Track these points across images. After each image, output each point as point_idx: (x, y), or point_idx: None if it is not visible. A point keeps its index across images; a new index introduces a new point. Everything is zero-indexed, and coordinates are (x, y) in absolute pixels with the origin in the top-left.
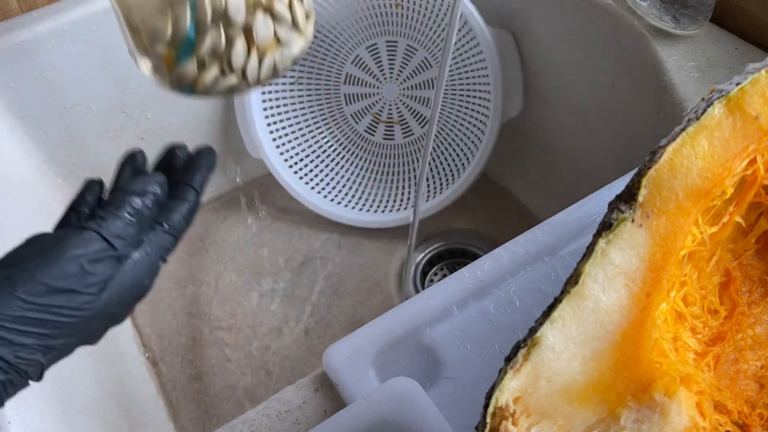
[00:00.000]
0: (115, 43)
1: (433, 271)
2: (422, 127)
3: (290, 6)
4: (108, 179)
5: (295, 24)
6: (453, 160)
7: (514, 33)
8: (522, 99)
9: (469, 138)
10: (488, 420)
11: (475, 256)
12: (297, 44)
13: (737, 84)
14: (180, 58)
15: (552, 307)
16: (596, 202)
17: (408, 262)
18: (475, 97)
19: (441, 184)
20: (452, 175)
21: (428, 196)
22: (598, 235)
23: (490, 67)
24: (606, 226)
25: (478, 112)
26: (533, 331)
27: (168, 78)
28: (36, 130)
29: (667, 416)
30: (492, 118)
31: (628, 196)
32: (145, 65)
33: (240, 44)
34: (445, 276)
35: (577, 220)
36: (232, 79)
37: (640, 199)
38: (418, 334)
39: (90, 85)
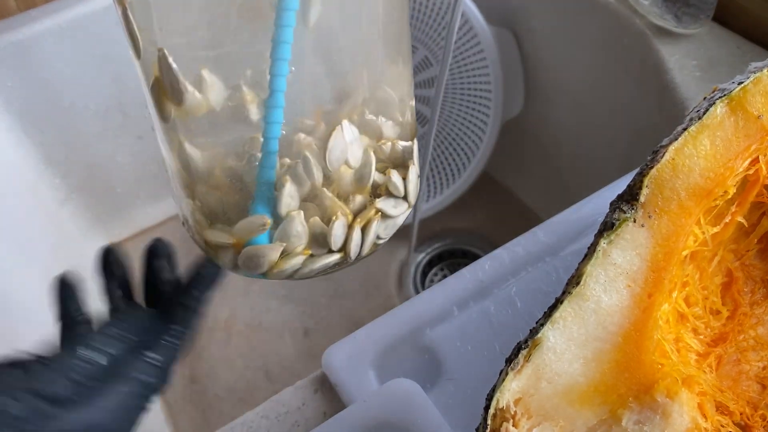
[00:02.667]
0: (113, 42)
1: (433, 271)
2: (422, 127)
3: (404, 176)
4: (106, 178)
5: (406, 196)
6: (453, 160)
7: (515, 31)
8: (523, 98)
9: (469, 137)
10: (489, 421)
11: (475, 257)
12: (403, 214)
13: (739, 83)
14: (253, 241)
15: (553, 308)
16: (598, 202)
17: (408, 263)
18: (475, 95)
19: (441, 183)
20: (452, 175)
21: (428, 196)
22: (599, 235)
23: (491, 66)
24: (608, 226)
25: (478, 111)
26: (534, 332)
27: (231, 261)
28: (34, 129)
29: (668, 417)
30: (493, 117)
31: (630, 196)
32: (198, 235)
33: (340, 223)
34: (445, 276)
35: (579, 220)
36: (327, 260)
37: (642, 198)
38: (418, 335)
39: (88, 84)
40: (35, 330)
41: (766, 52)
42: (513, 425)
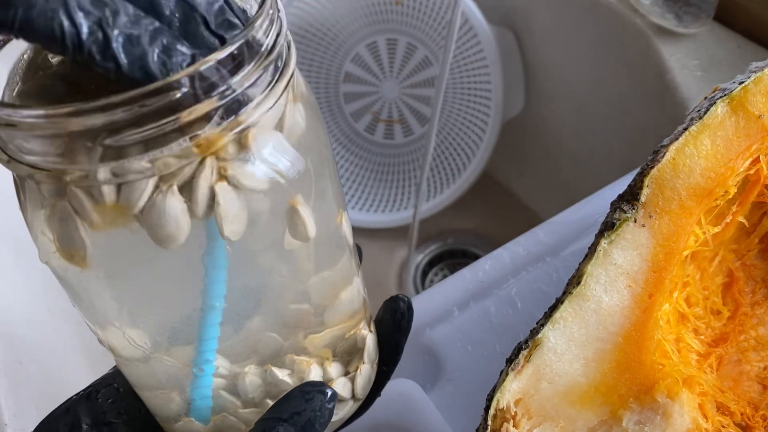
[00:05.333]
0: None
1: (433, 271)
2: (422, 126)
3: (353, 375)
4: None
5: (354, 396)
6: (453, 160)
7: (516, 31)
8: (523, 97)
9: (469, 137)
10: (489, 422)
11: (475, 257)
12: (346, 410)
13: (740, 83)
14: None
15: (554, 308)
16: (598, 202)
17: (408, 263)
18: (476, 95)
19: (441, 184)
20: (453, 175)
21: (428, 196)
22: (600, 235)
23: (491, 66)
24: (608, 226)
25: (479, 110)
26: (535, 332)
27: None
28: None
29: (669, 418)
30: (493, 117)
31: (631, 196)
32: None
33: None
34: (445, 276)
35: (579, 220)
36: None
37: (643, 198)
38: (418, 335)
39: None
40: (35, 330)
41: (766, 51)
42: (513, 426)
